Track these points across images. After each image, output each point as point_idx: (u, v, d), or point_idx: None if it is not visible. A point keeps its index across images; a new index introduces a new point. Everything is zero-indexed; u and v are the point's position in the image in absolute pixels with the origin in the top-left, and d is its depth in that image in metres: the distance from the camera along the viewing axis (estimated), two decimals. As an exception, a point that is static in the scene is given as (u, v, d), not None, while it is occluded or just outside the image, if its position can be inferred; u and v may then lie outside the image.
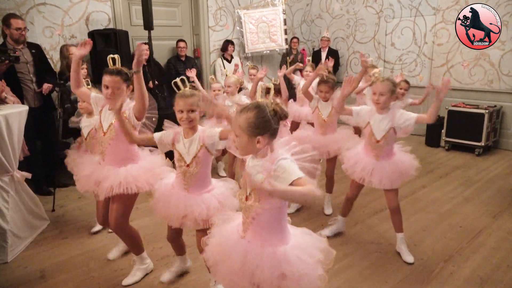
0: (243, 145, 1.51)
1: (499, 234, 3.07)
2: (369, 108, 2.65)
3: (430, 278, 2.50)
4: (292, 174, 1.40)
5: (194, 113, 2.01)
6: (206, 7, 6.09)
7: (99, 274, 2.59)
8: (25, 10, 4.45)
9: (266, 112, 1.46)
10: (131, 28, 5.34)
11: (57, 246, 3.00)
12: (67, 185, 4.11)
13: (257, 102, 1.50)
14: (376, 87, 2.52)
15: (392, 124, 2.54)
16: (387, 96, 2.50)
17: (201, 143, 2.05)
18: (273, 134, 1.49)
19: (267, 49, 6.63)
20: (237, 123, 1.49)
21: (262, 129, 1.45)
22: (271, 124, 1.46)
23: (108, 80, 2.26)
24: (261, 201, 1.51)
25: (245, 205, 1.59)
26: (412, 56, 6.37)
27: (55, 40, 4.71)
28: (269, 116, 1.45)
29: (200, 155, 2.06)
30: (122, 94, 2.29)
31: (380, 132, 2.58)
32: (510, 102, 5.34)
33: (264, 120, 1.45)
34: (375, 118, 2.60)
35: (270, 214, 1.53)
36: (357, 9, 7.01)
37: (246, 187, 1.60)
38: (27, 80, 3.83)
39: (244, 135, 1.47)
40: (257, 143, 1.46)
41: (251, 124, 1.45)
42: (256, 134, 1.45)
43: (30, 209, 3.13)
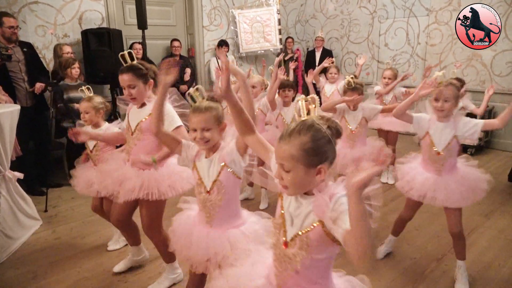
0: (298, 181, 1.14)
1: (491, 233, 3.10)
2: (428, 117, 2.34)
3: (422, 277, 2.52)
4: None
5: (210, 132, 1.64)
6: (201, 6, 6.08)
7: (92, 275, 2.58)
8: (17, 9, 4.41)
9: (324, 131, 1.12)
10: (124, 28, 5.31)
11: (50, 246, 2.97)
12: (60, 185, 4.08)
13: (306, 121, 1.15)
14: (440, 92, 2.21)
15: (455, 133, 2.24)
16: (452, 102, 2.21)
17: (221, 162, 1.65)
18: (333, 158, 1.15)
19: (262, 49, 6.63)
20: (285, 153, 1.13)
21: (322, 155, 1.12)
22: (333, 146, 1.14)
23: (121, 79, 2.11)
24: (311, 249, 1.16)
25: (283, 253, 1.23)
26: (405, 56, 6.41)
27: (47, 39, 4.68)
28: (329, 136, 1.13)
29: (222, 178, 1.65)
30: (142, 92, 2.13)
31: (442, 143, 2.25)
32: (502, 102, 5.39)
33: (325, 142, 1.12)
34: (436, 127, 2.28)
35: (318, 267, 1.20)
36: (351, 9, 7.04)
37: (285, 230, 1.24)
38: (19, 79, 3.80)
39: (300, 167, 1.12)
40: (317, 174, 1.12)
41: (308, 151, 1.11)
42: (316, 163, 1.11)
43: (22, 209, 3.10)
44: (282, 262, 1.23)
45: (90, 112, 2.62)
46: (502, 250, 2.83)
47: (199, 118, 1.63)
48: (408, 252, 2.76)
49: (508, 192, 3.96)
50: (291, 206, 1.22)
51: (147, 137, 2.15)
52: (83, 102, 2.64)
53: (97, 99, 2.66)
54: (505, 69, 5.33)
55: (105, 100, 2.75)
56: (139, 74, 2.10)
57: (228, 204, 1.69)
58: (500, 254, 2.79)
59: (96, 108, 2.63)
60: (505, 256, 2.75)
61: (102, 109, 2.67)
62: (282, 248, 1.23)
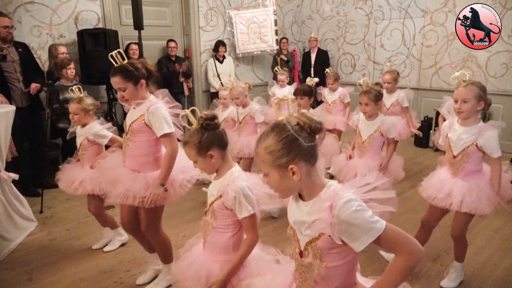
0: (277, 184, 1.12)
1: (486, 233, 3.12)
2: (446, 123, 2.30)
3: (418, 277, 2.53)
4: (366, 229, 1.01)
5: (198, 164, 1.59)
6: (197, 7, 6.07)
7: (87, 276, 2.57)
8: (12, 9, 4.39)
9: (288, 129, 1.07)
10: (120, 28, 5.30)
11: (45, 248, 2.96)
12: (56, 186, 4.03)
13: (274, 122, 1.13)
14: (458, 93, 2.11)
15: (475, 140, 2.13)
16: (472, 103, 2.08)
17: (220, 192, 1.58)
18: (310, 156, 1.08)
19: (258, 50, 6.64)
20: (258, 158, 1.13)
21: (290, 155, 1.06)
22: (301, 142, 1.06)
23: (111, 82, 2.06)
24: (325, 258, 1.12)
25: (300, 263, 1.19)
26: (401, 57, 6.44)
27: (43, 39, 4.65)
28: (293, 134, 1.06)
29: (215, 207, 1.60)
30: (134, 93, 2.06)
31: (459, 147, 2.17)
32: (496, 103, 5.42)
33: (289, 141, 1.06)
34: (455, 130, 2.20)
35: (339, 274, 1.14)
36: (347, 10, 7.07)
37: (297, 239, 1.19)
38: (13, 79, 3.78)
39: (273, 171, 1.09)
40: (293, 175, 1.07)
41: (273, 153, 1.07)
42: (285, 164, 1.07)
43: (17, 210, 3.08)
44: (301, 273, 1.20)
45: (79, 113, 2.61)
46: (497, 250, 2.85)
47: (185, 151, 1.62)
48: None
49: (503, 192, 3.98)
50: (295, 215, 1.18)
51: (139, 138, 2.11)
52: (72, 104, 2.62)
53: (86, 101, 2.64)
54: (500, 70, 5.37)
55: (96, 101, 2.74)
56: (129, 76, 2.04)
57: (220, 232, 1.61)
58: (495, 254, 2.80)
59: (85, 109, 2.62)
60: (500, 256, 2.77)
61: (92, 110, 2.66)
62: (298, 259, 1.19)
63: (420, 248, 1.03)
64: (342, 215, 1.01)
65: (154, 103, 2.08)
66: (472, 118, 2.15)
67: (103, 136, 2.63)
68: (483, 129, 2.13)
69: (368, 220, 1.02)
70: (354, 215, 1.01)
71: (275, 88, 4.96)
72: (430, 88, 6.13)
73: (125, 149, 2.18)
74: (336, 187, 1.10)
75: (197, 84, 6.30)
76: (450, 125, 2.28)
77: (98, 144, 2.66)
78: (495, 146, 2.12)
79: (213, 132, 1.56)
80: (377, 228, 1.02)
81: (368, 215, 1.02)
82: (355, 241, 1.02)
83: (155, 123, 2.04)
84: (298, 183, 1.10)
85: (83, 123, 2.66)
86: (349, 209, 1.01)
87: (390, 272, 1.05)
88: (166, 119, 2.05)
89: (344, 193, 1.05)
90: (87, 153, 2.67)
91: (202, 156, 1.56)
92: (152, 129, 2.06)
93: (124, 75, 2.03)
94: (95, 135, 2.62)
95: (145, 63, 2.15)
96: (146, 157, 2.14)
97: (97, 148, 2.68)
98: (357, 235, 1.01)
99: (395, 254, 1.05)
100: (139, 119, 2.08)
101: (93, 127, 2.64)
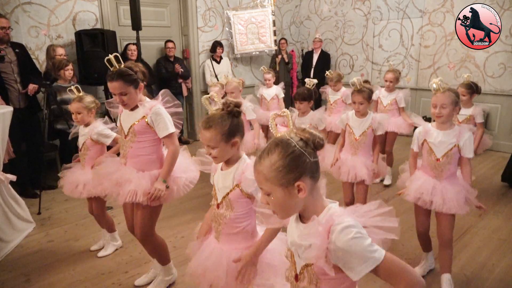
0: (280, 203, 1.06)
1: (485, 233, 3.12)
2: (419, 130, 2.37)
3: None
4: (363, 258, 0.96)
5: (215, 150, 1.54)
6: (195, 7, 6.07)
7: (85, 278, 2.56)
8: (10, 9, 4.37)
9: (293, 145, 1.03)
10: (119, 28, 5.29)
11: (43, 249, 2.95)
12: (53, 188, 4.04)
13: (275, 138, 1.08)
14: (437, 98, 2.21)
15: (457, 142, 2.22)
16: (450, 108, 2.19)
17: (236, 182, 1.57)
18: (315, 171, 1.06)
19: (256, 50, 6.63)
20: (260, 176, 1.06)
21: (297, 171, 1.02)
22: (307, 158, 1.03)
23: (111, 87, 2.04)
24: (320, 284, 1.08)
25: (295, 286, 1.17)
26: (399, 57, 6.45)
27: (41, 40, 4.64)
28: (299, 150, 1.03)
29: (232, 197, 1.59)
30: (134, 97, 2.07)
31: (442, 150, 2.25)
32: (494, 103, 5.44)
33: (296, 157, 1.02)
34: (436, 134, 2.28)
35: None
36: (345, 11, 7.07)
37: (294, 262, 1.16)
38: (11, 80, 3.76)
39: (277, 189, 1.04)
40: (298, 192, 1.03)
41: (280, 170, 1.02)
42: (292, 181, 1.02)
43: (15, 211, 3.07)
44: None
45: (82, 112, 2.60)
46: (496, 250, 2.85)
47: (203, 136, 1.55)
48: (403, 253, 2.77)
49: (501, 192, 3.99)
50: (293, 236, 1.13)
51: (142, 138, 2.12)
52: (73, 103, 2.60)
53: (87, 99, 2.62)
54: (498, 70, 5.38)
55: (96, 99, 2.72)
56: (130, 80, 2.03)
57: (237, 222, 1.60)
58: (493, 254, 2.81)
59: (88, 107, 2.61)
60: (499, 256, 2.77)
61: (94, 108, 2.65)
62: (294, 283, 1.15)
63: (421, 280, 1.00)
64: (339, 242, 0.97)
65: (155, 104, 2.10)
66: (449, 122, 2.26)
67: (106, 135, 2.61)
68: (462, 131, 2.25)
69: (367, 248, 0.97)
70: (352, 242, 0.96)
71: (262, 89, 4.94)
72: (428, 88, 6.08)
73: (125, 152, 2.17)
74: (335, 211, 1.06)
75: (195, 84, 6.29)
76: (426, 131, 2.33)
77: (101, 144, 2.64)
78: (471, 146, 2.23)
79: (238, 119, 1.56)
80: (375, 258, 0.97)
81: (366, 243, 0.97)
82: (352, 270, 0.98)
83: (160, 124, 2.07)
84: (301, 202, 1.06)
85: (86, 122, 2.64)
86: (347, 236, 0.96)
87: None
88: (169, 119, 2.09)
89: (344, 218, 1.01)
90: (90, 153, 2.64)
91: (226, 142, 1.53)
92: (154, 129, 2.09)
93: (125, 80, 2.02)
94: (99, 134, 2.59)
95: (139, 66, 2.15)
96: (149, 156, 2.15)
97: (100, 148, 2.66)
98: (354, 264, 0.97)
99: (394, 286, 1.00)
100: (141, 120, 2.09)
101: (97, 126, 2.61)
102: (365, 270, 0.97)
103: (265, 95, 4.83)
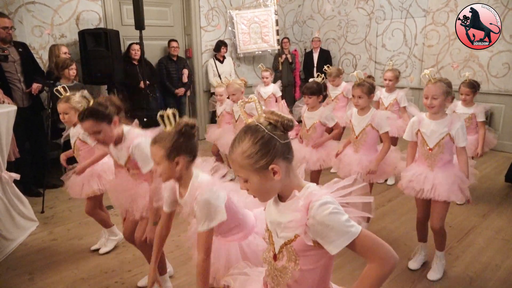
0: (258, 188, 1.09)
1: (488, 233, 3.11)
2: (414, 119, 2.43)
3: (420, 277, 2.52)
4: (341, 232, 1.01)
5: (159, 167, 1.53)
6: (198, 7, 6.07)
7: (89, 276, 2.57)
8: (13, 9, 4.39)
9: (262, 129, 1.05)
10: (122, 28, 5.30)
11: (46, 248, 2.96)
12: (57, 186, 4.05)
13: (245, 125, 1.11)
14: (428, 89, 2.26)
15: (449, 131, 2.27)
16: (441, 99, 2.23)
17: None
18: (287, 153, 1.08)
19: (259, 50, 6.63)
20: (235, 164, 1.09)
21: (269, 155, 1.04)
22: (277, 141, 1.05)
23: (82, 127, 1.97)
24: (299, 260, 1.11)
25: (273, 267, 1.18)
26: (402, 57, 6.43)
27: (44, 39, 4.66)
28: (268, 134, 1.05)
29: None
30: (110, 133, 2.00)
31: (433, 140, 2.31)
32: (498, 103, 5.41)
33: (265, 142, 1.05)
34: (428, 124, 2.34)
35: (312, 279, 1.12)
36: (348, 10, 7.05)
37: (273, 242, 1.18)
38: (15, 79, 3.78)
39: (253, 175, 1.07)
40: (274, 174, 1.06)
41: (252, 156, 1.04)
42: (265, 166, 1.05)
43: (18, 210, 3.09)
44: (274, 277, 1.17)
45: (69, 112, 2.53)
46: (499, 251, 2.84)
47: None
48: (406, 252, 2.77)
49: (504, 192, 3.98)
50: (273, 215, 1.16)
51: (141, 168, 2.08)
52: (60, 103, 2.54)
53: (74, 98, 2.53)
54: (502, 70, 5.35)
55: (87, 95, 2.39)
56: (101, 117, 1.94)
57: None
58: (497, 254, 2.79)
59: (75, 108, 2.50)
60: (502, 257, 2.76)
61: (81, 107, 2.59)
62: (272, 262, 1.18)
63: (394, 255, 1.03)
64: (318, 216, 1.01)
65: (132, 140, 2.04)
66: (441, 112, 2.30)
67: None
68: (454, 120, 2.29)
69: (344, 223, 1.01)
70: (330, 217, 1.00)
71: (259, 86, 4.98)
72: (431, 88, 6.10)
73: (133, 178, 2.16)
74: (313, 189, 1.08)
75: (198, 84, 6.30)
76: (419, 121, 2.39)
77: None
78: (464, 136, 2.25)
79: (188, 140, 1.52)
80: (352, 232, 1.01)
81: (344, 218, 1.02)
82: (330, 243, 1.02)
83: (140, 161, 2.03)
84: (278, 184, 1.09)
85: (74, 122, 2.57)
86: (325, 211, 1.00)
87: (363, 279, 1.04)
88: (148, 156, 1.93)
89: (321, 195, 1.05)
90: (82, 153, 2.62)
91: (168, 160, 1.50)
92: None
93: (96, 118, 1.93)
94: (85, 134, 2.45)
95: (111, 99, 2.07)
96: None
97: (90, 148, 2.60)
98: (332, 238, 1.01)
99: (369, 261, 1.04)
100: (129, 158, 2.07)
101: None
102: (343, 244, 1.01)
103: (262, 93, 4.84)
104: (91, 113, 1.93)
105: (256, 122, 1.08)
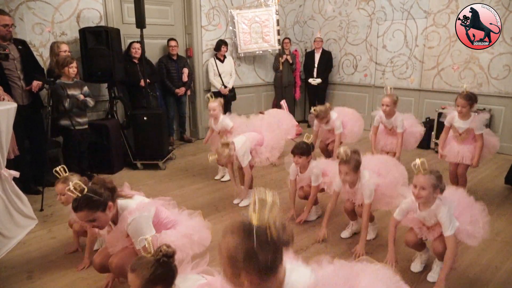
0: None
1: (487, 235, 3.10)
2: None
3: (420, 279, 2.52)
4: None
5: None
6: (199, 6, 6.06)
7: (88, 275, 2.56)
8: (14, 6, 4.38)
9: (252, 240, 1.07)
10: (123, 26, 5.29)
11: (45, 246, 2.95)
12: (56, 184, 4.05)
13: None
14: (417, 179, 2.26)
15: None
16: (429, 191, 2.24)
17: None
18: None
19: (260, 50, 6.63)
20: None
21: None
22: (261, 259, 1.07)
23: (77, 217, 1.97)
24: None
25: None
26: (403, 58, 6.43)
27: (45, 37, 4.64)
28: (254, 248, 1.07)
29: None
30: (104, 219, 1.98)
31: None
32: (498, 105, 5.42)
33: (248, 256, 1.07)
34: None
35: None
36: (349, 11, 7.05)
37: None
38: (14, 77, 3.76)
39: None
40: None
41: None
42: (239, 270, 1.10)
43: (18, 208, 3.08)
44: None
45: (66, 194, 2.42)
46: (499, 253, 2.84)
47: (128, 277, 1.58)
48: (404, 255, 2.76)
49: (504, 194, 3.98)
50: None
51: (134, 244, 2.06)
52: (58, 184, 2.53)
53: (72, 179, 2.36)
54: (502, 72, 5.35)
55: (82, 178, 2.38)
56: (95, 206, 1.91)
57: None
58: (496, 256, 2.79)
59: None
60: (502, 259, 2.76)
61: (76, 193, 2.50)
62: None
63: None
64: None
65: (126, 220, 2.03)
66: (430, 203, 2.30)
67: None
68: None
69: None
70: None
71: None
72: (432, 90, 6.11)
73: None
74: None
75: (198, 83, 6.29)
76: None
77: None
78: (452, 223, 2.28)
79: (167, 269, 1.52)
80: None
81: None
82: None
83: (133, 238, 2.02)
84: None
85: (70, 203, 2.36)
86: None
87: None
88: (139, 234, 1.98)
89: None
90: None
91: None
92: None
93: (90, 207, 1.90)
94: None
95: (104, 182, 2.04)
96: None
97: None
98: None
99: None
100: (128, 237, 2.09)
101: None
102: None
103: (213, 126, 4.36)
104: (85, 204, 1.89)
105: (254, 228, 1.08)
